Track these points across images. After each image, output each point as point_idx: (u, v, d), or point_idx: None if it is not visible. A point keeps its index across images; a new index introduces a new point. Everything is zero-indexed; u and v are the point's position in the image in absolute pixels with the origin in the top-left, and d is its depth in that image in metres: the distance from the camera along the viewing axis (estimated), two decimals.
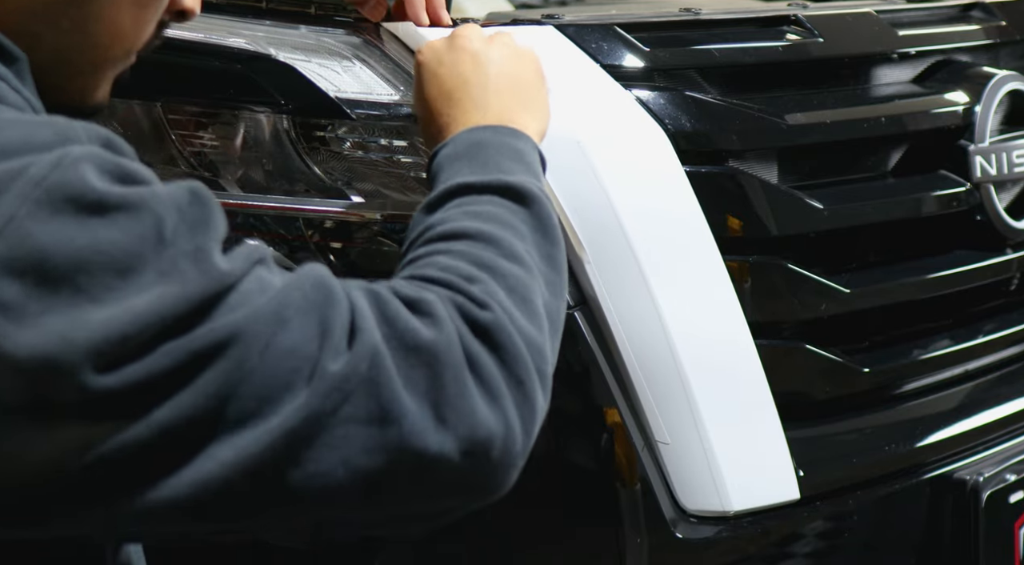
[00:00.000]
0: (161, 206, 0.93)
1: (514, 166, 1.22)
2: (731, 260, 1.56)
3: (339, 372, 0.95)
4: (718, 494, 1.53)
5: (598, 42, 1.59)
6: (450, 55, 1.33)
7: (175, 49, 1.48)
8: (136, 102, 1.49)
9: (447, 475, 1.00)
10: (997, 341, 1.88)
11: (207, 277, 0.92)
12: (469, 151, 1.23)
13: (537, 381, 1.06)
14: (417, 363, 0.99)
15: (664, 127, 1.55)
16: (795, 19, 1.74)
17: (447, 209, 1.17)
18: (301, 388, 0.94)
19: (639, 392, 1.50)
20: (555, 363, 1.12)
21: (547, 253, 1.16)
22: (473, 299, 1.04)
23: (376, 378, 0.97)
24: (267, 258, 0.99)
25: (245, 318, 0.93)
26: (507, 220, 1.15)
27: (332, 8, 1.54)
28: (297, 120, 1.48)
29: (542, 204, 1.19)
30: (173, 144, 1.49)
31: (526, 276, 1.10)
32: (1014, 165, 1.84)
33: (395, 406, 0.97)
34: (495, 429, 1.01)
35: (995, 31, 1.95)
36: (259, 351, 0.93)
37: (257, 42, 1.48)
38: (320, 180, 1.49)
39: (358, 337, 0.97)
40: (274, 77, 1.47)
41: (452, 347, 1.00)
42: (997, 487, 1.71)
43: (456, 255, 1.09)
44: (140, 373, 0.90)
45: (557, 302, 1.15)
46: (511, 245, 1.12)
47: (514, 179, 1.19)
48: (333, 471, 0.96)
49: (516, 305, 1.07)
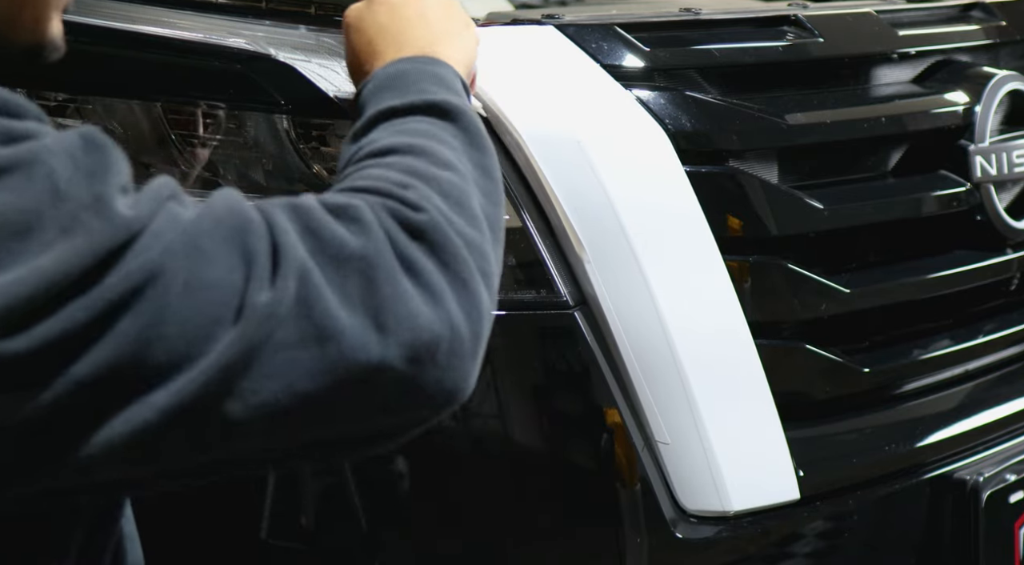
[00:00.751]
0: (53, 158, 0.90)
1: (436, 88, 1.20)
2: (731, 260, 1.56)
3: (268, 300, 0.92)
4: (718, 494, 1.53)
5: (598, 42, 1.58)
6: (369, 9, 1.33)
7: (175, 49, 1.48)
8: (136, 102, 1.49)
9: (396, 385, 0.96)
10: (997, 341, 1.88)
11: (111, 226, 0.89)
12: (389, 81, 1.21)
13: (481, 280, 1.02)
14: (348, 273, 0.96)
15: (664, 127, 1.55)
16: (795, 19, 1.74)
17: (374, 132, 1.15)
18: (229, 321, 0.91)
19: (639, 392, 1.50)
20: (500, 269, 1.09)
21: (479, 162, 1.13)
22: (406, 202, 1.01)
23: (307, 298, 0.93)
24: (178, 192, 0.96)
25: (159, 256, 0.90)
26: (435, 133, 1.13)
27: (332, 8, 1.54)
28: (297, 120, 1.48)
29: (468, 117, 1.17)
30: (173, 144, 1.49)
31: (460, 182, 1.08)
32: (1014, 165, 1.84)
33: (331, 322, 0.94)
34: (439, 330, 0.97)
35: (995, 31, 1.95)
36: (178, 289, 0.90)
37: (257, 42, 1.48)
38: (320, 180, 1.49)
39: (282, 257, 0.94)
40: (274, 77, 1.47)
41: (382, 251, 0.97)
42: (997, 487, 1.71)
43: (387, 166, 1.07)
44: (53, 331, 0.87)
45: (495, 209, 1.12)
46: (441, 154, 1.09)
47: (438, 97, 1.17)
48: (276, 399, 0.92)
49: (451, 208, 1.04)
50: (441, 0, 1.36)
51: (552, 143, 1.49)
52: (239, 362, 0.91)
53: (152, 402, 0.90)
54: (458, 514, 1.49)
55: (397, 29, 1.30)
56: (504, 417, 1.48)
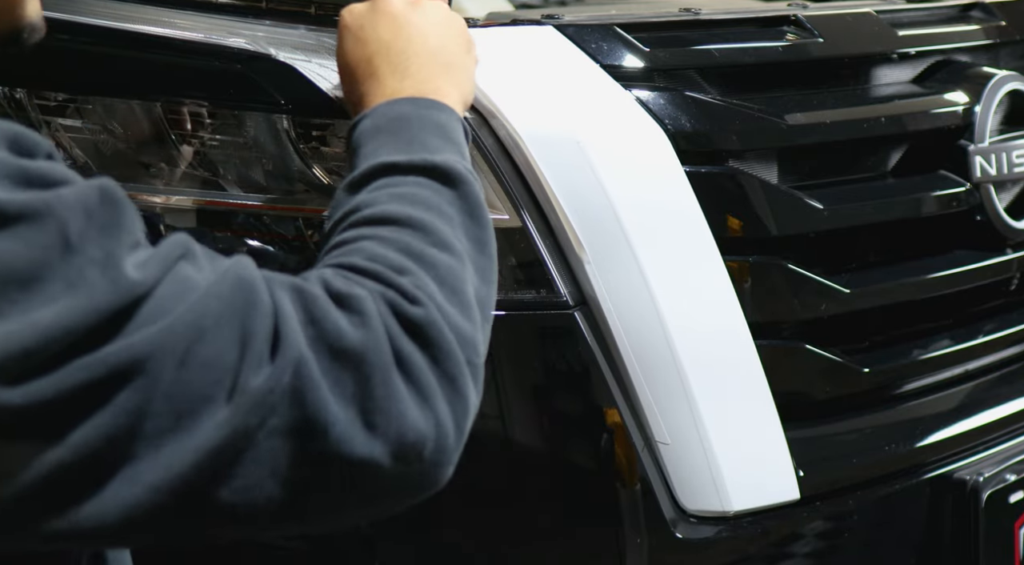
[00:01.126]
0: (67, 210, 0.89)
1: (439, 143, 1.18)
2: (731, 260, 1.56)
3: (262, 386, 0.92)
4: (718, 494, 1.53)
5: (598, 42, 1.58)
6: (371, 18, 1.31)
7: (175, 49, 1.48)
8: (136, 102, 1.49)
9: (379, 480, 0.98)
10: (997, 341, 1.88)
11: (116, 287, 0.89)
12: (391, 125, 1.20)
13: (468, 375, 1.03)
14: (344, 366, 0.96)
15: (664, 127, 1.55)
16: (795, 19, 1.74)
17: (372, 190, 1.13)
18: (222, 403, 0.91)
19: (639, 392, 1.50)
20: (486, 352, 1.09)
21: (476, 237, 1.13)
22: (404, 293, 1.01)
23: (301, 388, 0.94)
24: (190, 252, 0.96)
25: (160, 332, 0.90)
26: (434, 204, 1.12)
27: (332, 8, 1.54)
28: (297, 120, 1.48)
29: (469, 184, 1.16)
30: (173, 144, 1.49)
31: (456, 265, 1.08)
32: (1014, 165, 1.84)
33: (322, 415, 0.94)
34: (425, 430, 0.98)
35: (995, 31, 1.95)
36: (175, 365, 0.90)
37: (257, 42, 1.48)
38: (320, 180, 1.49)
39: (282, 344, 0.94)
40: (274, 77, 1.47)
41: (380, 347, 0.97)
42: (997, 487, 1.71)
43: (384, 242, 1.06)
44: (48, 389, 0.86)
45: (487, 288, 1.12)
46: (440, 232, 1.09)
47: (440, 159, 1.15)
48: (261, 485, 0.93)
49: (447, 297, 1.04)
50: (444, 17, 1.34)
51: (552, 143, 1.49)
52: (228, 445, 0.91)
53: (142, 478, 0.90)
54: (458, 514, 1.49)
55: (399, 50, 1.28)
56: (504, 417, 1.48)
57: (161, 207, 1.48)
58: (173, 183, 1.49)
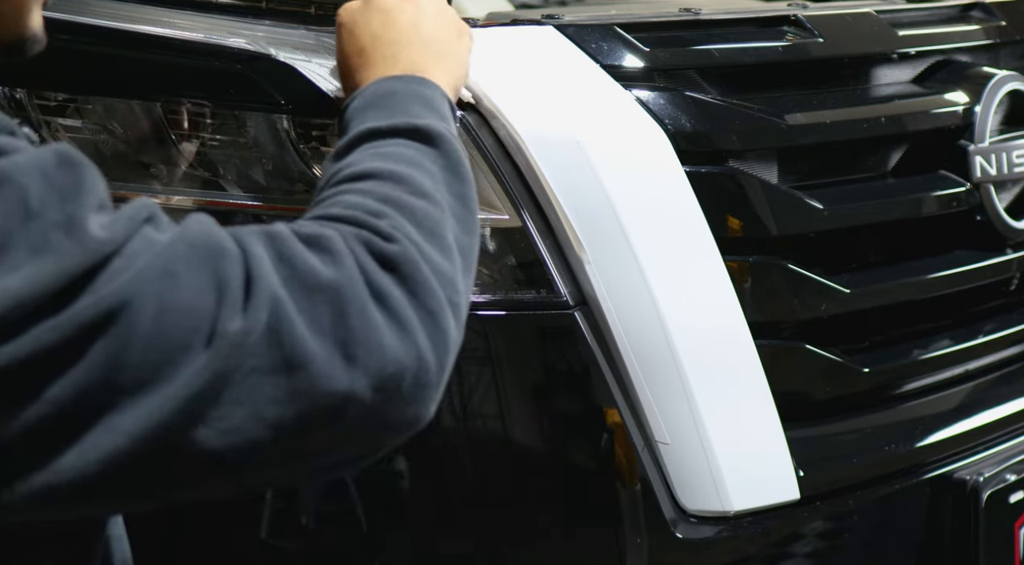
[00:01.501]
0: (24, 175, 0.89)
1: (422, 110, 1.21)
2: (731, 260, 1.56)
3: (239, 328, 0.92)
4: (718, 494, 1.53)
5: (598, 42, 1.58)
6: (364, 13, 1.35)
7: (175, 49, 1.48)
8: (136, 102, 1.49)
9: (361, 414, 0.97)
10: (997, 341, 1.88)
11: (82, 248, 0.89)
12: (377, 100, 1.23)
13: (449, 312, 1.03)
14: (319, 302, 0.96)
15: (664, 127, 1.55)
16: (795, 19, 1.74)
17: (355, 153, 1.16)
18: (200, 348, 0.91)
19: (639, 392, 1.50)
20: (469, 298, 1.10)
21: (458, 191, 1.15)
22: (379, 232, 1.02)
23: (278, 327, 0.94)
24: (155, 216, 0.96)
25: (131, 282, 0.90)
26: (415, 160, 1.14)
27: (332, 8, 1.54)
28: (297, 120, 1.48)
29: (450, 143, 1.18)
30: (173, 144, 1.49)
31: (435, 211, 1.09)
32: (1014, 165, 1.84)
33: (300, 351, 0.94)
34: (406, 361, 0.98)
35: (995, 31, 1.95)
36: (149, 315, 0.90)
37: (257, 42, 1.48)
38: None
39: (255, 286, 0.94)
40: (274, 77, 1.47)
41: (354, 282, 0.98)
42: (997, 487, 1.71)
43: (363, 193, 1.08)
44: (22, 351, 0.87)
45: (470, 238, 1.13)
46: (419, 182, 1.11)
47: (421, 121, 1.18)
48: (245, 427, 0.93)
49: (425, 238, 1.05)
50: (437, 8, 1.37)
51: (552, 143, 1.49)
52: (209, 389, 0.91)
53: (122, 427, 0.90)
54: (458, 514, 1.49)
55: (389, 40, 1.31)
56: (504, 417, 1.48)
57: (161, 207, 1.48)
58: (173, 183, 1.49)
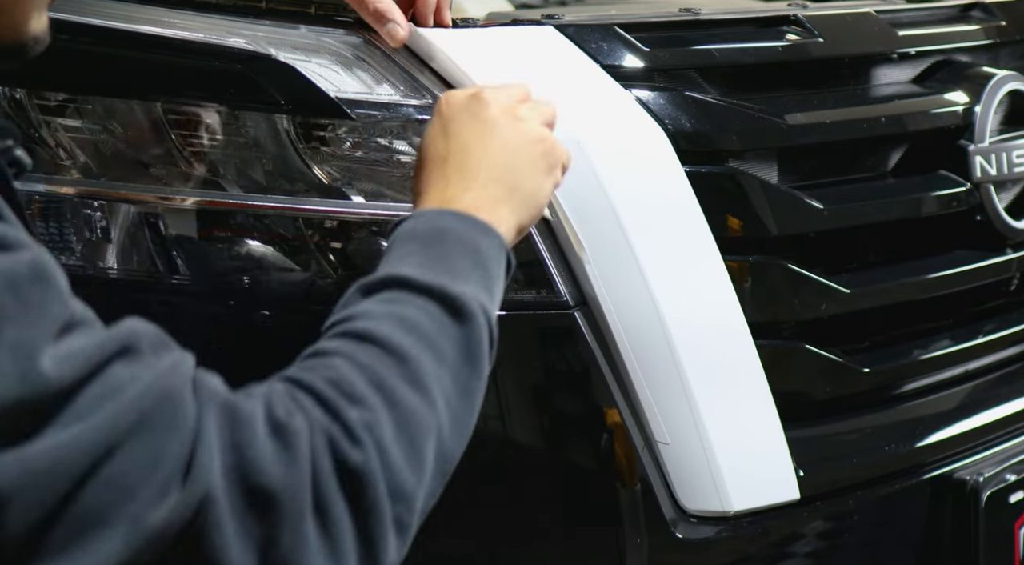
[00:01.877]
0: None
1: (466, 268, 1.11)
2: (731, 260, 1.56)
3: (160, 520, 0.85)
4: (718, 494, 1.53)
5: (598, 42, 1.58)
6: (463, 116, 1.24)
7: (175, 49, 1.48)
8: (136, 102, 1.49)
9: None
10: (997, 341, 1.88)
11: (24, 381, 0.82)
12: (427, 236, 1.13)
13: (391, 537, 0.96)
14: (255, 504, 0.89)
15: (664, 127, 1.55)
16: (795, 19, 1.74)
17: (380, 301, 1.07)
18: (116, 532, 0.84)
19: (639, 392, 1.50)
20: (428, 507, 1.03)
21: (464, 383, 1.06)
22: (348, 431, 0.94)
23: (203, 527, 0.87)
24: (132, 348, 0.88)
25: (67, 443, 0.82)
26: (432, 338, 1.04)
27: (332, 8, 1.54)
28: (297, 120, 1.48)
29: (477, 326, 1.08)
30: (173, 144, 1.49)
31: (423, 410, 1.00)
32: (1014, 165, 1.84)
33: (219, 557, 0.88)
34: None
35: (995, 31, 1.95)
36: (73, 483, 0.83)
37: (257, 42, 1.48)
38: (320, 180, 1.49)
39: (192, 476, 0.87)
40: (274, 77, 1.47)
41: (300, 491, 0.90)
42: (997, 487, 1.71)
43: (356, 366, 0.99)
44: None
45: (457, 441, 1.05)
46: (421, 369, 1.02)
47: (458, 289, 1.08)
48: None
49: (397, 444, 0.97)
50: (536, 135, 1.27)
51: None
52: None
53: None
54: (458, 514, 1.49)
55: (475, 157, 1.21)
56: (504, 417, 1.48)
57: (161, 207, 1.48)
58: (173, 183, 1.49)
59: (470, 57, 1.48)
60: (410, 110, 1.48)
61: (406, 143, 1.49)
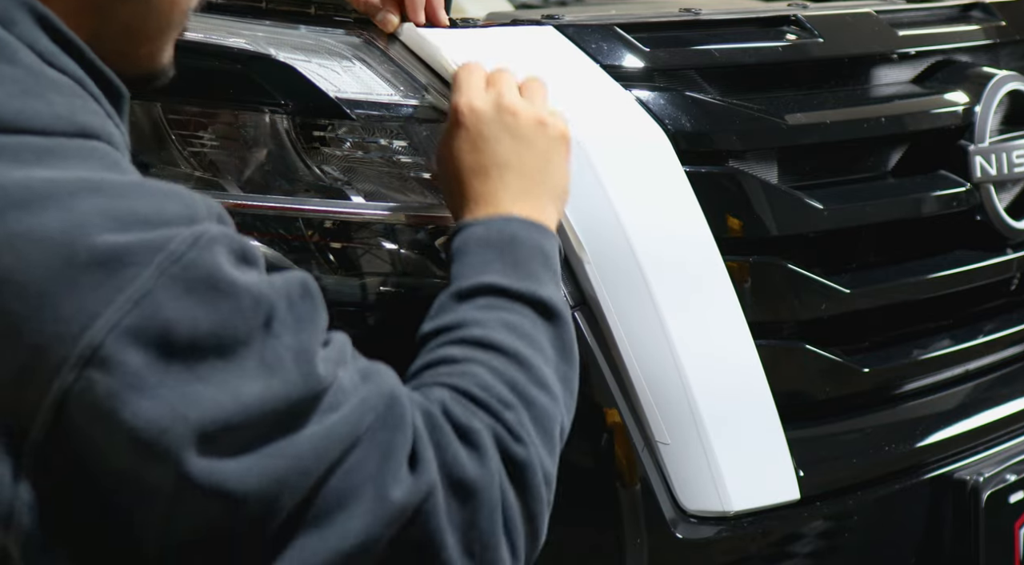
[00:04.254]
0: (277, 296, 0.95)
1: (544, 273, 1.25)
2: (731, 260, 1.56)
3: (400, 501, 0.98)
4: (718, 494, 1.53)
5: (598, 42, 1.58)
6: (491, 129, 1.33)
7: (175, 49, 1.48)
8: (136, 102, 1.49)
9: None
10: (997, 341, 1.88)
11: (305, 381, 0.94)
12: (502, 243, 1.25)
13: (546, 514, 1.11)
14: (459, 496, 1.03)
15: (664, 127, 1.55)
16: (795, 19, 1.74)
17: (480, 308, 1.20)
18: (360, 509, 0.97)
19: (639, 392, 1.50)
20: None
21: (564, 374, 1.21)
22: (510, 430, 1.08)
23: (429, 510, 1.00)
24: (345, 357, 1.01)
25: (326, 433, 0.95)
26: (537, 340, 1.19)
27: (332, 8, 1.54)
28: (297, 120, 1.48)
29: (566, 323, 1.23)
30: (173, 144, 1.49)
31: (551, 407, 1.15)
32: (1014, 165, 1.84)
33: (437, 539, 1.01)
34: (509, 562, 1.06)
35: (995, 31, 1.95)
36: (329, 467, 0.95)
37: (257, 42, 1.48)
38: (320, 180, 1.49)
39: (419, 467, 1.00)
40: (274, 77, 1.47)
41: (493, 486, 1.05)
42: (997, 487, 1.71)
43: (493, 373, 1.13)
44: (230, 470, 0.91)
45: (569, 423, 1.21)
46: (540, 370, 1.16)
47: (546, 293, 1.23)
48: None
49: (541, 439, 1.12)
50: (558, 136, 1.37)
51: None
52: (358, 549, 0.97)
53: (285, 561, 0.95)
54: None
55: (516, 171, 1.32)
56: None
57: None
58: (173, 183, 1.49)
59: (470, 57, 1.48)
60: (410, 110, 1.48)
61: (406, 143, 1.49)
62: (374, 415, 0.99)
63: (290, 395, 0.93)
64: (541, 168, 1.33)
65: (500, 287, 1.21)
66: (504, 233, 1.26)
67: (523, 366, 1.15)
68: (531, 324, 1.20)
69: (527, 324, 1.19)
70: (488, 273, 1.22)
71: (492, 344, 1.15)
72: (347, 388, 0.99)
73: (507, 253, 1.24)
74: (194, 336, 0.90)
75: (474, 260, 1.24)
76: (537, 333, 1.19)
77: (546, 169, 1.34)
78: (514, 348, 1.16)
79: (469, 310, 1.19)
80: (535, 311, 1.21)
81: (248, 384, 0.91)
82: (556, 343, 1.21)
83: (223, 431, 0.90)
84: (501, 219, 1.28)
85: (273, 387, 0.92)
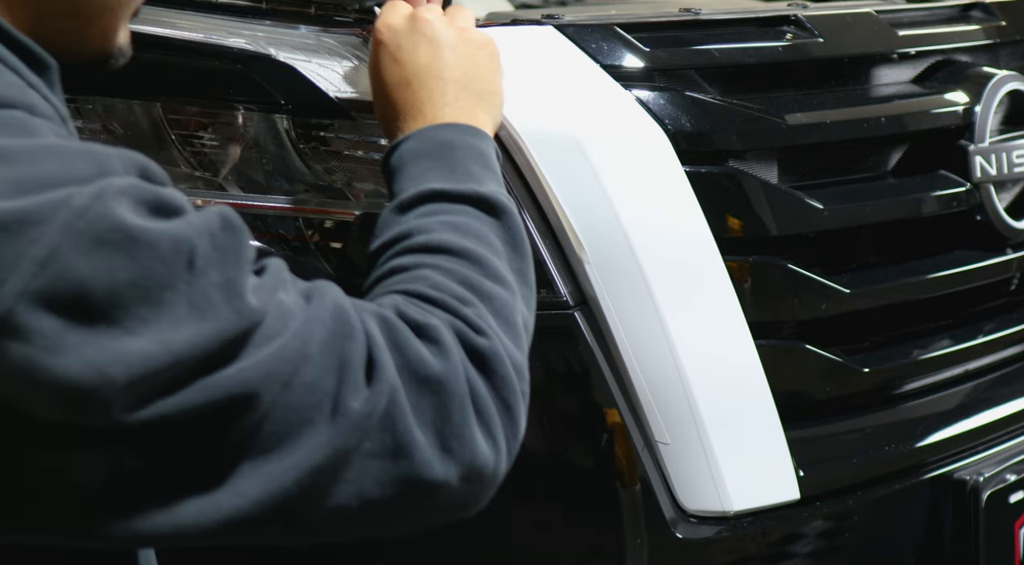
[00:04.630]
0: (194, 235, 0.93)
1: (482, 173, 1.23)
2: (731, 260, 1.56)
3: (360, 410, 0.98)
4: (718, 494, 1.53)
5: (598, 42, 1.58)
6: (409, 39, 1.33)
7: (175, 49, 1.48)
8: (136, 102, 1.49)
9: (444, 500, 1.04)
10: (997, 341, 1.88)
11: (237, 314, 0.93)
12: (435, 150, 1.24)
13: (522, 404, 1.09)
14: (425, 393, 1.02)
15: (664, 127, 1.55)
16: (795, 19, 1.74)
17: (423, 215, 1.18)
18: (322, 424, 0.96)
19: (639, 392, 1.50)
20: None
21: (518, 268, 1.19)
22: (470, 324, 1.07)
23: (393, 413, 0.99)
24: (285, 281, 1.00)
25: (270, 357, 0.94)
26: (485, 235, 1.17)
27: (332, 8, 1.54)
28: (297, 120, 1.48)
29: (513, 216, 1.21)
30: (173, 144, 1.49)
31: (508, 297, 1.13)
32: (1014, 165, 1.84)
33: (408, 439, 1.00)
34: (489, 456, 1.05)
35: (995, 31, 1.95)
36: (281, 389, 0.95)
37: (257, 42, 1.48)
38: (320, 180, 1.49)
39: (376, 372, 0.99)
40: (274, 77, 1.47)
41: (458, 377, 1.03)
42: (997, 487, 1.71)
43: (444, 272, 1.12)
44: (170, 408, 0.91)
45: (531, 316, 1.18)
46: (492, 264, 1.15)
47: (486, 190, 1.21)
48: (348, 504, 0.99)
49: (503, 329, 1.10)
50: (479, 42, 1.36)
51: (552, 143, 1.49)
52: (327, 464, 0.97)
53: (244, 492, 0.95)
54: None
55: (437, 76, 1.31)
56: None
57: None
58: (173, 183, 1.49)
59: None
60: None
61: None
62: (323, 330, 0.98)
63: (223, 332, 0.92)
64: (466, 71, 1.32)
65: (440, 191, 1.20)
66: (435, 140, 1.25)
67: (474, 262, 1.13)
68: (477, 222, 1.18)
69: (473, 223, 1.18)
70: (425, 181, 1.21)
71: (440, 246, 1.14)
72: (292, 310, 0.97)
73: (442, 158, 1.23)
74: (114, 289, 0.88)
75: (410, 172, 1.23)
76: (484, 230, 1.18)
77: (472, 73, 1.32)
78: (462, 246, 1.14)
79: (412, 219, 1.18)
80: (479, 209, 1.19)
81: (180, 329, 0.90)
82: (505, 237, 1.19)
83: (155, 375, 0.89)
84: (431, 128, 1.27)
85: (204, 327, 0.91)
